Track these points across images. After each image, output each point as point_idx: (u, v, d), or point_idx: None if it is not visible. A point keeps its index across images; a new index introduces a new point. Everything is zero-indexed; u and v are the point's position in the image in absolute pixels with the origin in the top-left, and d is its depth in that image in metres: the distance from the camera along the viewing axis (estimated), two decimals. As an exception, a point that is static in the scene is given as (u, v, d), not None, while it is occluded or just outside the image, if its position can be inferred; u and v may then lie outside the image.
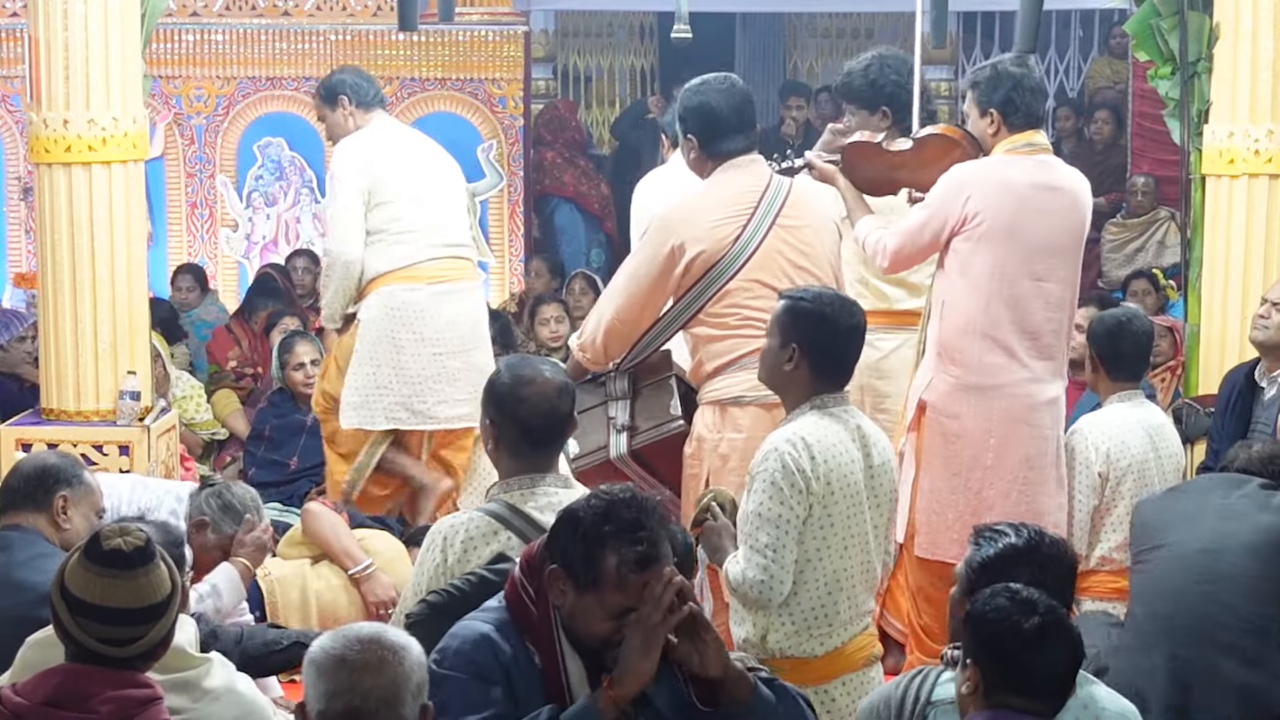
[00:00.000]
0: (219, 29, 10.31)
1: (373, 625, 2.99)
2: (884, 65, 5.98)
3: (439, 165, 7.09)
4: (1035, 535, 3.75)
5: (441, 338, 6.82)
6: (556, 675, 3.30)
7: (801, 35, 13.43)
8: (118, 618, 3.29)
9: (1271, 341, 6.11)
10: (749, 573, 4.17)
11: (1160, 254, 10.67)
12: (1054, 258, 5.31)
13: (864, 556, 4.31)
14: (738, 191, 5.24)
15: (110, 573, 3.30)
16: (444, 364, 6.82)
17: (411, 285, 6.76)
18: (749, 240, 5.17)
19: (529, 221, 10.87)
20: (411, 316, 6.77)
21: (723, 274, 5.15)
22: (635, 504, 3.28)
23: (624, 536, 3.22)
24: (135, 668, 3.35)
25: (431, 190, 6.90)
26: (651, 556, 3.22)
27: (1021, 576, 3.56)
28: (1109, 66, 12.82)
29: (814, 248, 5.25)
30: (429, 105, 10.49)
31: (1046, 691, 3.39)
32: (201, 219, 10.58)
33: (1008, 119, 5.38)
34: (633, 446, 5.19)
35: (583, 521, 3.26)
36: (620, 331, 5.32)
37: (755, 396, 4.99)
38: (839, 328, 4.32)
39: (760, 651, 4.21)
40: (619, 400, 5.29)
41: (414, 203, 6.79)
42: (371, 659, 2.89)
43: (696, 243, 5.17)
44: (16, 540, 4.47)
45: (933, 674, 3.67)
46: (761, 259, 5.16)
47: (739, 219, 5.19)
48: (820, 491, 4.18)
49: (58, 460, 4.70)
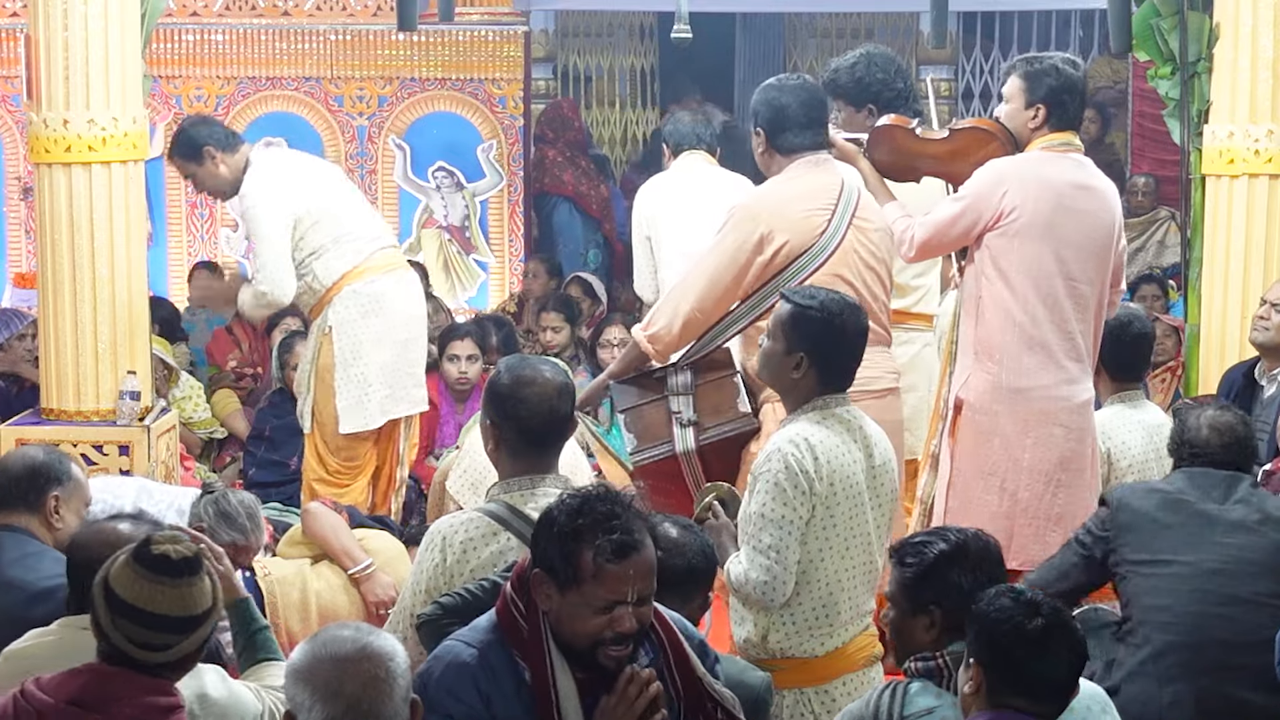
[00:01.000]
0: (219, 29, 10.30)
1: (352, 630, 2.96)
2: (871, 63, 5.98)
3: (332, 170, 7.34)
4: (958, 534, 3.76)
5: (404, 323, 6.97)
6: (546, 691, 3.29)
7: (801, 35, 13.41)
8: (156, 623, 3.31)
9: (1272, 343, 6.12)
10: (752, 573, 4.17)
11: (1160, 254, 10.67)
12: (1087, 258, 5.27)
13: (865, 557, 4.31)
14: (820, 186, 5.24)
15: (155, 578, 3.31)
16: (408, 348, 6.97)
17: (370, 278, 6.87)
18: (834, 233, 5.17)
19: (529, 221, 10.86)
20: (379, 306, 6.87)
21: (807, 266, 5.13)
22: (609, 498, 3.29)
23: (598, 528, 3.23)
24: (163, 676, 3.35)
25: (345, 195, 7.06)
26: (629, 545, 3.23)
27: (960, 577, 3.61)
28: (1109, 66, 12.82)
29: (882, 250, 5.29)
30: (429, 105, 10.48)
31: (1049, 693, 3.39)
32: (201, 219, 10.57)
33: (1052, 116, 5.33)
34: (700, 441, 5.12)
35: (558, 520, 3.27)
36: (698, 322, 5.25)
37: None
38: (846, 334, 4.32)
39: (761, 652, 4.21)
40: (681, 395, 5.21)
41: (342, 209, 6.93)
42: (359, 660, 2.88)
43: (784, 232, 5.14)
44: (7, 539, 4.43)
45: (901, 687, 3.67)
46: (842, 255, 5.17)
47: (825, 211, 5.18)
48: (823, 492, 4.19)
49: (45, 457, 4.62)
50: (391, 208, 10.59)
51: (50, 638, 3.75)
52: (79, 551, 3.87)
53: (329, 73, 10.37)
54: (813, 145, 5.32)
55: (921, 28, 12.33)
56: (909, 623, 3.71)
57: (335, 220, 6.84)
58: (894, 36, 12.40)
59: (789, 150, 5.29)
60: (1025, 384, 5.23)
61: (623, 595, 3.23)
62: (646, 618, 3.31)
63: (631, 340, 5.46)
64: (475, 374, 7.86)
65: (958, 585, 3.62)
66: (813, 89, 5.41)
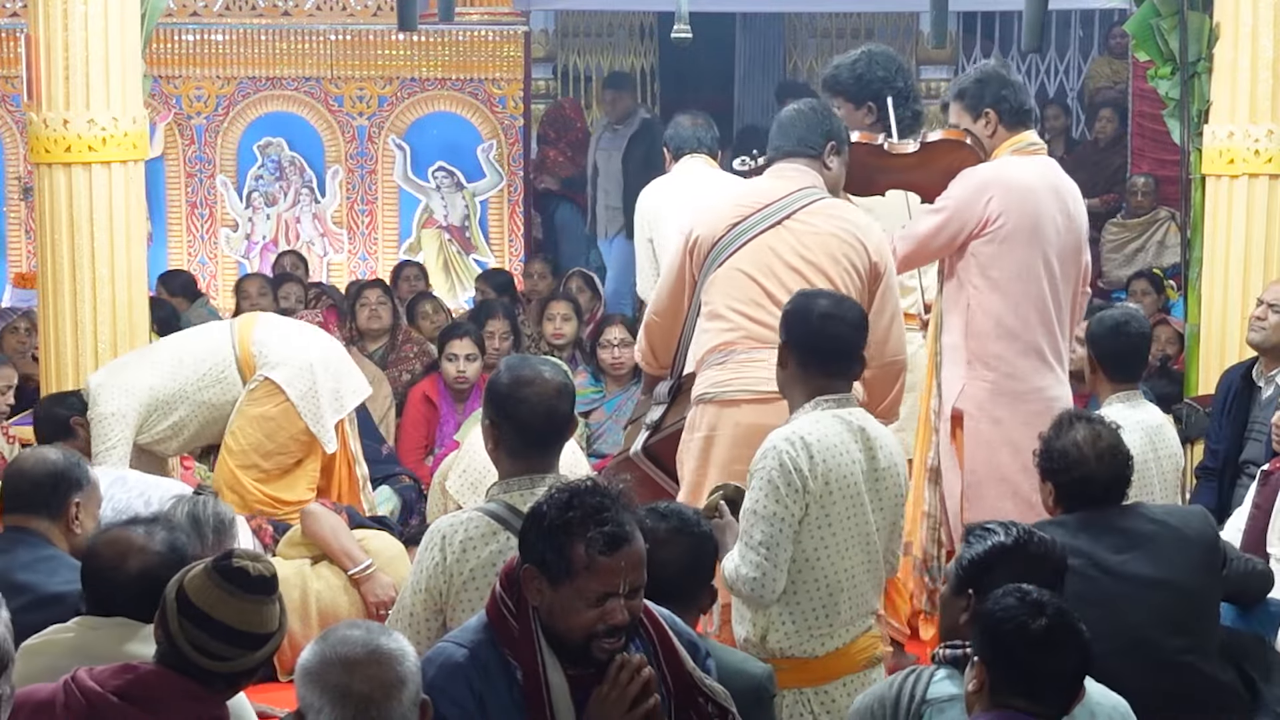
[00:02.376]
0: (219, 29, 10.31)
1: (362, 631, 2.96)
2: (872, 61, 5.98)
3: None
4: (1024, 534, 3.74)
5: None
6: (538, 689, 3.29)
7: (801, 35, 13.42)
8: (220, 632, 3.34)
9: (1268, 343, 6.11)
10: (743, 569, 4.18)
11: (1160, 254, 10.67)
12: (1065, 259, 5.31)
13: (866, 557, 4.30)
14: (756, 189, 5.21)
15: (229, 588, 3.36)
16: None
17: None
18: (745, 230, 5.04)
19: (529, 221, 10.87)
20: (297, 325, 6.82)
21: (715, 260, 5.06)
22: (598, 490, 3.29)
23: (589, 521, 3.23)
24: (216, 688, 3.39)
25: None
26: (619, 537, 3.23)
27: (1009, 575, 3.55)
28: (1109, 66, 12.83)
29: (813, 253, 5.00)
30: (429, 105, 10.49)
31: (1051, 694, 3.36)
32: (201, 219, 10.58)
33: (1003, 117, 5.37)
34: (647, 444, 5.26)
35: (547, 514, 3.28)
36: (657, 327, 5.29)
37: (714, 394, 4.95)
38: (826, 327, 4.31)
39: (760, 651, 4.21)
40: (659, 405, 5.31)
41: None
42: (369, 662, 2.88)
43: (699, 226, 5.13)
44: (22, 543, 4.43)
45: (926, 673, 3.66)
46: (753, 251, 5.02)
47: (743, 209, 5.10)
48: (818, 491, 4.19)
49: (64, 461, 4.58)
50: (391, 208, 10.60)
51: (67, 635, 3.77)
52: (93, 557, 3.88)
53: (329, 73, 10.38)
54: (785, 155, 5.19)
55: (921, 28, 12.34)
56: (951, 601, 3.70)
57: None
58: (894, 36, 12.40)
59: (769, 161, 5.27)
60: (1024, 388, 5.25)
61: (615, 587, 3.23)
62: (638, 609, 3.32)
63: None
64: (474, 373, 7.86)
65: (1001, 581, 3.55)
66: (814, 109, 5.26)
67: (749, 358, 4.91)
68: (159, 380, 6.28)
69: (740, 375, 4.92)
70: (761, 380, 4.76)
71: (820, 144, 5.17)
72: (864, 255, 5.03)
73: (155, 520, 4.07)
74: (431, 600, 3.92)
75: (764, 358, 4.74)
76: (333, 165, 10.57)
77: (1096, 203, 11.42)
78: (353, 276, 10.35)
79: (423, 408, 7.96)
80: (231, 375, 6.36)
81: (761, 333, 4.88)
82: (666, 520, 3.90)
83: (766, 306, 4.90)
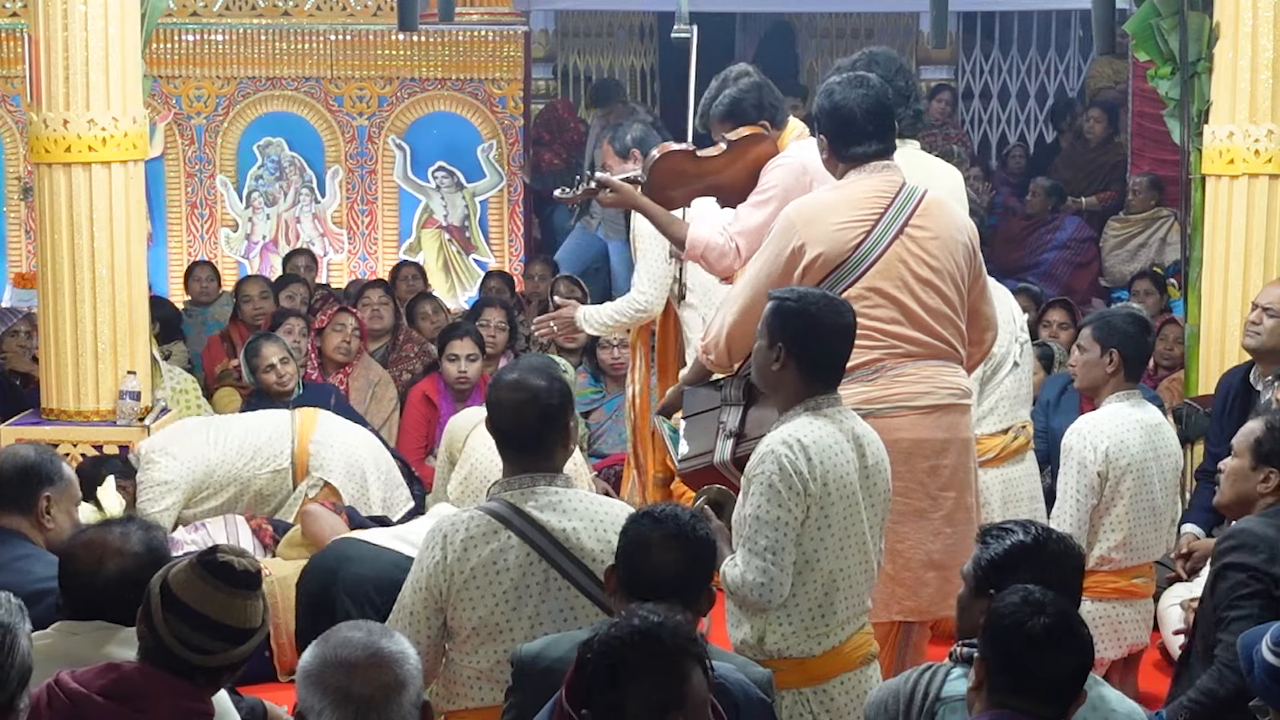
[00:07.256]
0: (219, 29, 10.31)
1: (363, 632, 2.94)
2: (872, 62, 5.95)
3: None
4: (1042, 532, 3.73)
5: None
6: None
7: (801, 35, 13.42)
8: (203, 625, 3.35)
9: (1264, 347, 6.09)
10: (748, 575, 4.16)
11: (1162, 251, 10.66)
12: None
13: (861, 556, 4.31)
14: (866, 195, 5.00)
15: (214, 583, 3.37)
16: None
17: None
18: (873, 246, 4.93)
19: (529, 222, 10.87)
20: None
21: (842, 279, 4.90)
22: (654, 633, 3.06)
23: (643, 678, 3.02)
24: (199, 682, 3.38)
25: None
26: (675, 697, 3.01)
27: (1029, 574, 3.54)
28: (1109, 66, 12.82)
29: (940, 260, 4.96)
30: (429, 105, 10.50)
31: (1048, 694, 3.32)
32: (201, 219, 10.58)
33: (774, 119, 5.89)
34: (736, 454, 4.92)
35: (599, 664, 3.06)
36: (741, 334, 5.06)
37: (869, 410, 4.75)
38: (824, 327, 4.31)
39: (758, 653, 4.21)
40: (732, 406, 5.06)
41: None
42: (370, 664, 2.87)
43: (817, 244, 4.93)
44: (1, 542, 4.35)
45: (941, 670, 3.65)
46: (884, 266, 4.92)
47: (863, 223, 4.95)
48: (817, 493, 4.18)
49: (37, 456, 4.51)
50: (391, 208, 10.60)
51: (46, 640, 3.74)
52: (71, 560, 3.82)
53: (329, 73, 10.38)
54: (877, 153, 5.05)
55: (921, 28, 12.35)
56: (971, 603, 3.68)
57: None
58: (894, 36, 12.42)
59: (851, 158, 5.07)
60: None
61: None
62: None
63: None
64: (475, 373, 7.85)
65: (1023, 580, 3.51)
66: (877, 91, 5.12)
67: (899, 373, 4.88)
68: (219, 459, 6.48)
69: (891, 390, 4.86)
70: (919, 395, 4.87)
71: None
72: (971, 243, 5.07)
73: (131, 520, 4.03)
74: (432, 599, 3.94)
75: (912, 372, 4.86)
76: (333, 165, 10.57)
77: (1094, 201, 11.44)
78: (353, 276, 10.36)
79: (423, 408, 7.96)
80: (284, 468, 6.60)
81: (906, 349, 4.88)
82: (664, 525, 3.83)
83: (903, 323, 4.88)
